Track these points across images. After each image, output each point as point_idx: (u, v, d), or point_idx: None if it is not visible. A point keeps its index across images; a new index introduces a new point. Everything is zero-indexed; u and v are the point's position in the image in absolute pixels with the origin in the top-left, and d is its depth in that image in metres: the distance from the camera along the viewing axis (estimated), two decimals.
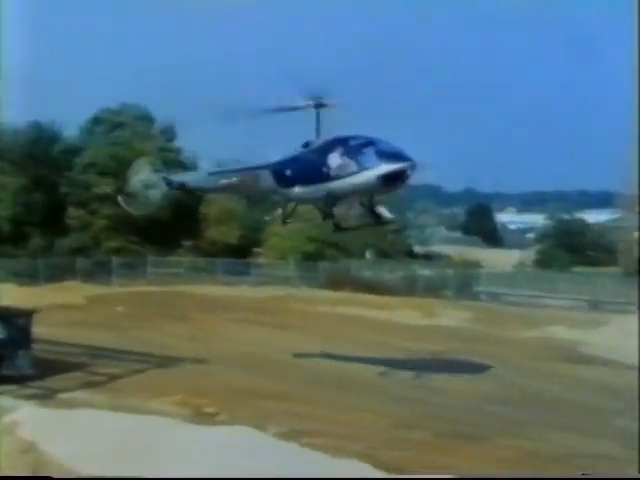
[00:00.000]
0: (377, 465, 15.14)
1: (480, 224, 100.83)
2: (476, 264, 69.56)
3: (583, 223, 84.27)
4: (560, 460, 16.73)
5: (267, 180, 22.50)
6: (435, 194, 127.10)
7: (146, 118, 66.54)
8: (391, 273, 58.82)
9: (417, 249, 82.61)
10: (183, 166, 70.14)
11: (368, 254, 74.51)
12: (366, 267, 61.44)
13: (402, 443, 17.33)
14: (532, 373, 26.90)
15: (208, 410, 19.42)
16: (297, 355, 26.90)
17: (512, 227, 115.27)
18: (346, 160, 20.67)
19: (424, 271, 60.80)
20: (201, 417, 18.83)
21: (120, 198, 25.53)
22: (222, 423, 18.15)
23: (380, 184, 20.35)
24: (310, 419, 18.74)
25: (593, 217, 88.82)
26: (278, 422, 18.24)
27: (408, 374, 25.25)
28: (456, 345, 31.96)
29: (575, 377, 25.80)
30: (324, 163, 21.04)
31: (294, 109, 21.38)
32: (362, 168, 20.39)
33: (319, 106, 21.31)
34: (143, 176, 24.76)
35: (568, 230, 79.42)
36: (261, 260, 61.98)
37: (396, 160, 20.22)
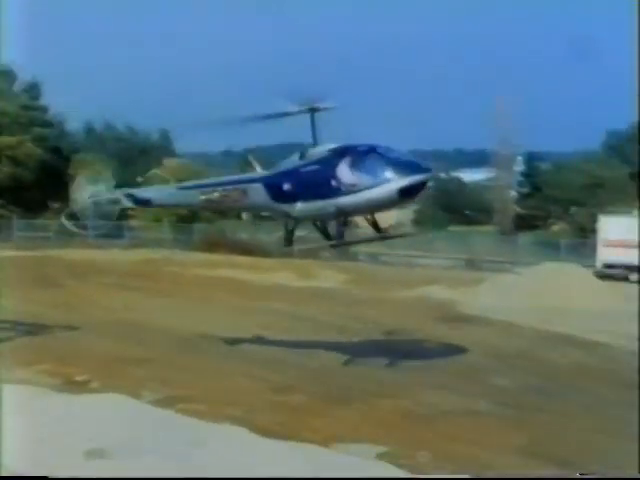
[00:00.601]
0: (253, 429, 15.41)
1: None
2: (354, 225, 70.30)
3: (460, 182, 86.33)
4: (436, 419, 17.32)
5: (259, 195, 20.25)
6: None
7: (7, 74, 64.52)
8: (268, 234, 59.02)
9: None
10: (49, 125, 68.72)
11: (244, 215, 74.45)
12: (242, 229, 61.48)
13: (278, 407, 17.63)
14: (410, 333, 27.57)
15: (79, 378, 19.28)
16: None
17: None
18: (359, 172, 18.74)
19: (301, 232, 61.15)
20: (72, 385, 18.69)
21: (64, 220, 23.87)
22: (94, 391, 18.10)
23: (399, 198, 18.73)
24: (185, 386, 18.85)
25: (469, 176, 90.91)
26: (152, 389, 18.33)
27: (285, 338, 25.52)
28: (337, 308, 32.51)
29: (452, 336, 26.57)
30: (333, 175, 18.96)
31: (286, 115, 19.49)
32: (380, 181, 18.53)
33: (314, 110, 19.49)
34: (94, 191, 22.46)
35: (445, 189, 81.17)
36: (134, 222, 61.28)
37: (416, 171, 18.66)
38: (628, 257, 46.33)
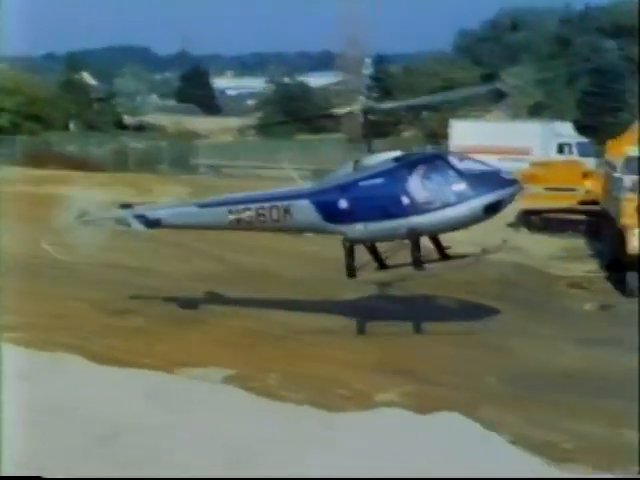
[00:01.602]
0: (88, 356, 15.16)
1: (196, 90, 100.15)
2: (193, 134, 69.63)
3: (305, 87, 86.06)
4: (284, 338, 17.48)
5: (306, 214, 17.69)
6: (144, 57, 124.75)
7: None
8: (99, 147, 57.65)
9: (127, 119, 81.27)
10: None
11: (72, 126, 72.49)
12: (70, 140, 59.76)
13: (116, 332, 17.40)
14: (250, 250, 27.49)
15: None
16: None
17: (231, 93, 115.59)
18: (432, 186, 16.88)
19: (136, 144, 60.06)
20: None
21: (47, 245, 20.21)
22: None
23: (484, 215, 17.00)
24: (13, 312, 18.28)
25: (315, 81, 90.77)
26: None
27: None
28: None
29: (304, 252, 26.63)
30: (403, 191, 16.95)
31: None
32: (463, 197, 16.73)
33: (368, 112, 18.19)
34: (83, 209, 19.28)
35: (289, 95, 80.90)
36: None
37: (502, 184, 17.09)
38: None
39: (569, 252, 28.64)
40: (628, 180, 26.38)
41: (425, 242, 17.52)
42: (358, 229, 17.17)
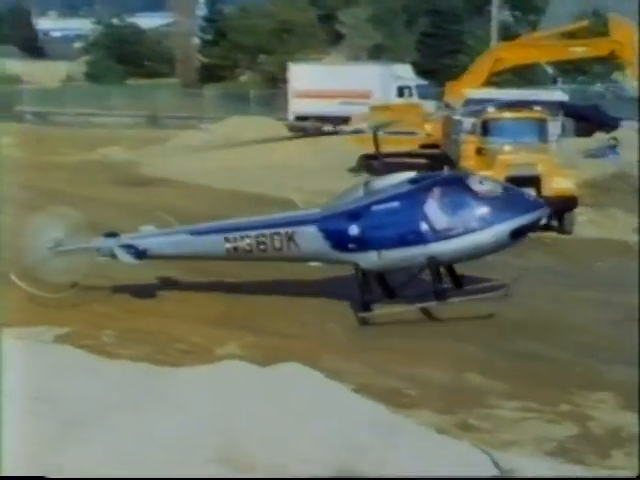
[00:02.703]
0: None
1: (16, 31, 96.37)
2: (16, 79, 67.45)
3: (135, 29, 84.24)
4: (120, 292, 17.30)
5: (312, 242, 16.43)
6: None
7: None
8: None
9: None
10: None
11: None
12: None
13: None
14: (85, 201, 26.99)
15: None
16: None
17: (56, 35, 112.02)
18: (456, 211, 15.87)
19: None
20: None
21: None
22: None
23: (510, 241, 16.06)
24: None
25: (146, 22, 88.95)
26: None
27: None
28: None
29: (135, 202, 26.37)
30: (422, 215, 15.86)
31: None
32: (487, 222, 15.76)
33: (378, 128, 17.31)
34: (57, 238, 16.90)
35: (120, 37, 79.14)
36: None
37: (528, 207, 16.20)
38: (320, 107, 47.81)
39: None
40: (467, 122, 27.14)
41: None
42: (371, 258, 16.06)
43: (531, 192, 20.46)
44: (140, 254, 16.91)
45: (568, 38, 36.17)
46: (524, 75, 50.48)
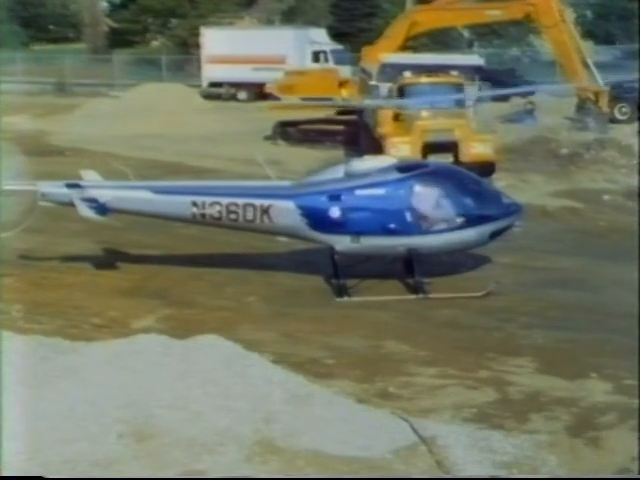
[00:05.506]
0: None
1: None
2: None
3: None
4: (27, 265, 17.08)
5: (288, 218, 15.96)
6: None
7: None
8: None
9: None
10: None
11: None
12: None
13: None
14: None
15: None
16: None
17: None
18: (443, 205, 15.84)
19: None
20: None
21: None
22: None
23: (488, 241, 16.20)
24: None
25: None
26: None
27: None
28: None
29: (43, 171, 25.94)
30: (407, 206, 15.71)
31: None
32: (472, 222, 15.80)
33: None
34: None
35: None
36: None
37: (506, 208, 16.33)
38: (234, 73, 47.50)
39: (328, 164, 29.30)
40: (383, 88, 27.23)
41: None
42: (349, 242, 15.82)
43: (449, 157, 20.73)
44: (102, 209, 16.30)
45: (483, 1, 36.39)
46: (440, 39, 50.75)
